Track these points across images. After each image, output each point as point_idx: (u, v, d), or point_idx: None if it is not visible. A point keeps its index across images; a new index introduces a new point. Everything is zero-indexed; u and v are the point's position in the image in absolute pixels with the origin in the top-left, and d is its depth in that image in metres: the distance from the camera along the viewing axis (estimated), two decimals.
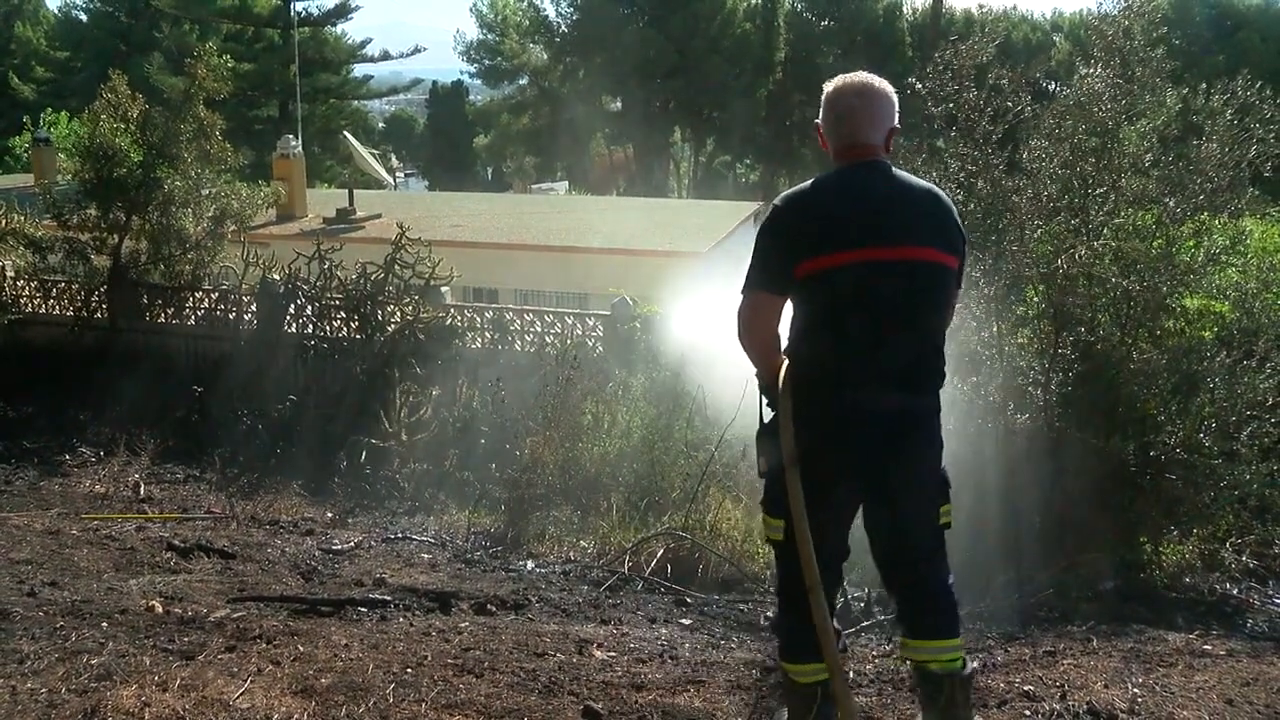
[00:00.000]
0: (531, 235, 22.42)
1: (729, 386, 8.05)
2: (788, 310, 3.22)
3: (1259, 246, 9.87)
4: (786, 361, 3.19)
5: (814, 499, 3.08)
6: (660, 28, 41.85)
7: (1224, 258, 8.03)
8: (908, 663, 3.54)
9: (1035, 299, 8.12)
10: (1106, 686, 4.15)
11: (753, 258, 3.17)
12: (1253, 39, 40.13)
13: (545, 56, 48.06)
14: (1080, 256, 7.70)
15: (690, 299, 11.17)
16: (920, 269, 3.08)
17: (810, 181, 3.24)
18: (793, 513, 3.07)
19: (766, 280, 3.14)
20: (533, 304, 16.04)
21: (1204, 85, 8.36)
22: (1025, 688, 4.17)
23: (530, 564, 8.05)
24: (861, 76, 3.31)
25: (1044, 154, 8.26)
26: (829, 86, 3.31)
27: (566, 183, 50.41)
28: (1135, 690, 4.09)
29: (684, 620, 6.30)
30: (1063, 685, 4.15)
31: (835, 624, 3.25)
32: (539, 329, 14.36)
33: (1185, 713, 3.87)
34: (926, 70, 8.61)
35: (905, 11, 43.99)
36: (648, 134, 44.22)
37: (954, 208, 3.25)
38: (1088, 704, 3.97)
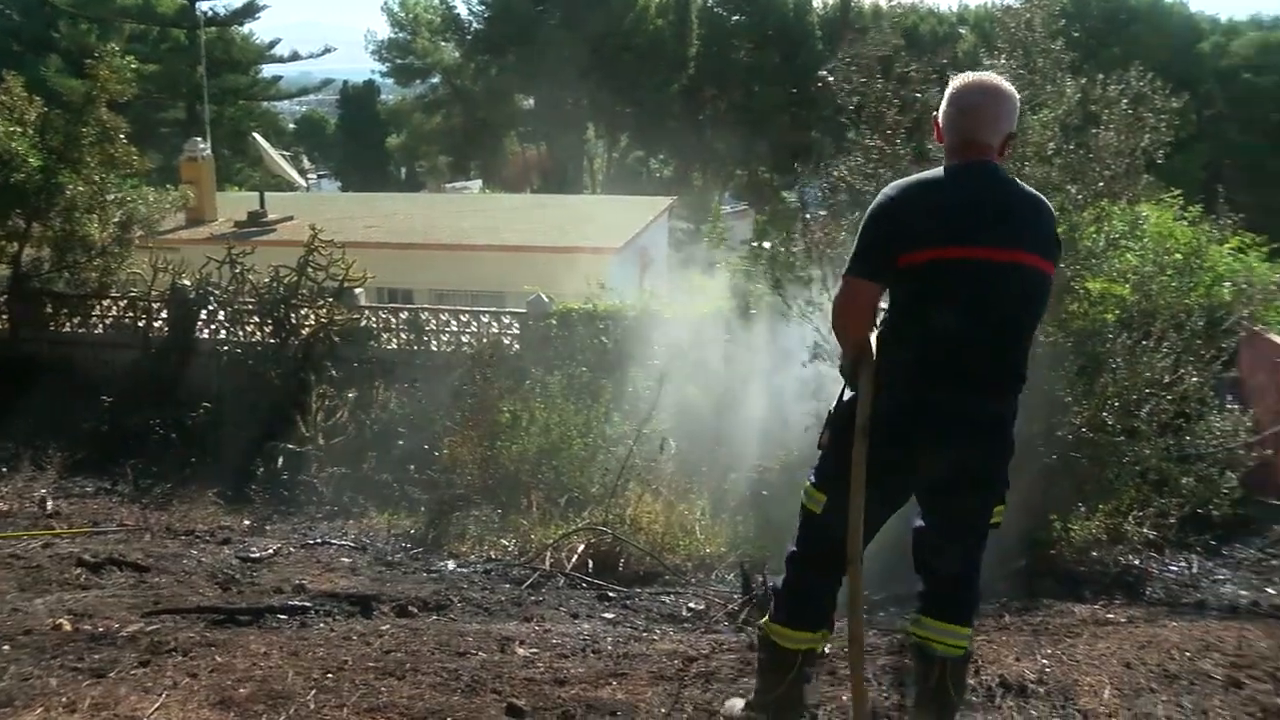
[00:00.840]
0: (446, 235, 22.26)
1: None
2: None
3: (1155, 231, 10.18)
4: (874, 342, 3.19)
5: (874, 482, 3.09)
6: (573, 25, 41.76)
7: (1123, 242, 8.26)
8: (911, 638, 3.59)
9: None
10: (1018, 659, 4.28)
11: (857, 243, 3.16)
12: (1144, 32, 41.26)
13: (457, 55, 47.68)
14: None
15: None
16: (1026, 275, 3.08)
17: (921, 175, 3.23)
18: (853, 484, 3.07)
19: (867, 267, 3.13)
20: (449, 304, 15.90)
21: (1101, 76, 8.59)
22: None
23: (452, 564, 8.03)
24: (989, 76, 3.30)
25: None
26: (956, 81, 3.30)
27: (480, 181, 50.08)
28: (1043, 661, 4.23)
29: (606, 614, 6.33)
30: (977, 661, 4.23)
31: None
32: (455, 328, 14.27)
33: (1088, 679, 4.02)
34: (834, 64, 8.73)
35: (815, 5, 44.48)
36: (561, 131, 44.12)
37: (1054, 216, 3.27)
38: (1000, 677, 4.08)
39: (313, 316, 13.76)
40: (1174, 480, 8.08)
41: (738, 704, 3.78)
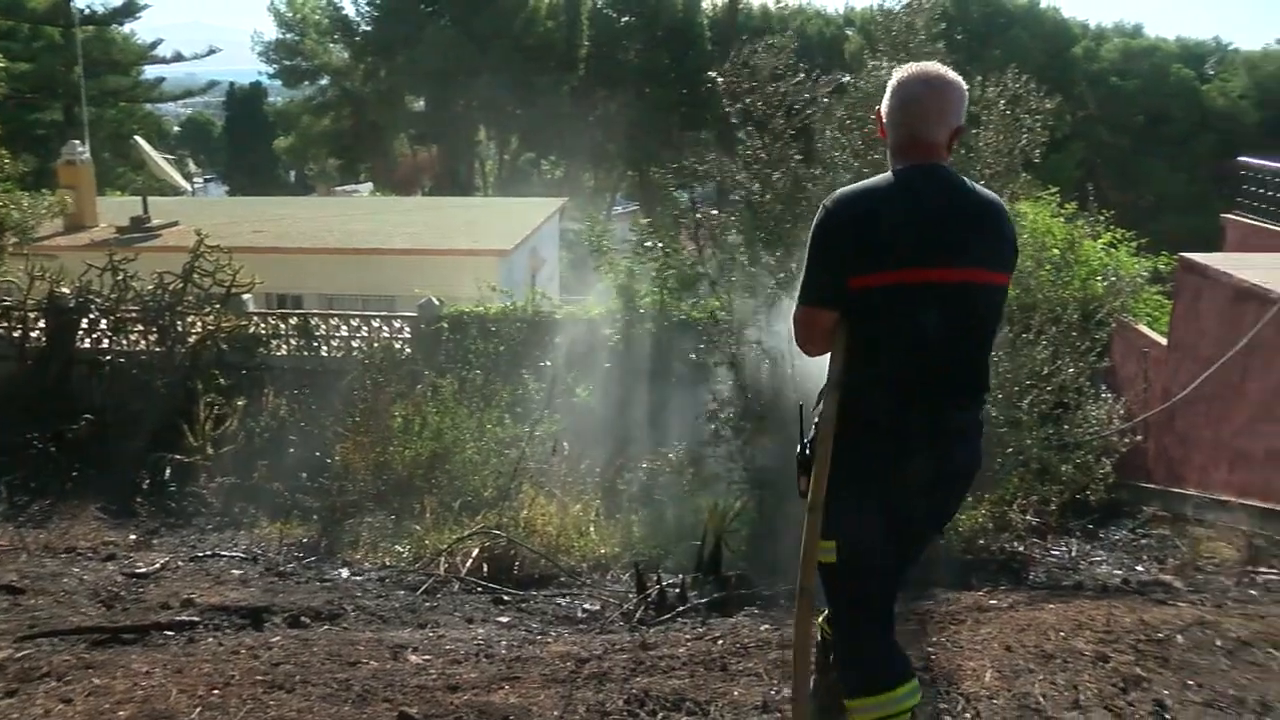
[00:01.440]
0: (336, 238, 21.95)
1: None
2: None
3: (1033, 227, 10.50)
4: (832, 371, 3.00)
5: (867, 518, 2.93)
6: (463, 26, 41.45)
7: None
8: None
9: None
10: (906, 648, 4.35)
11: (806, 267, 2.96)
12: (1022, 35, 42.55)
13: (346, 56, 46.96)
14: None
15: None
16: (977, 292, 2.92)
17: (864, 185, 2.99)
18: (815, 480, 2.91)
19: (818, 294, 2.94)
20: (339, 308, 15.71)
21: (980, 78, 8.83)
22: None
23: (346, 572, 7.91)
24: (934, 65, 3.04)
25: (837, 144, 8.57)
26: (898, 72, 3.05)
27: (371, 184, 49.42)
28: (929, 648, 4.33)
29: (501, 618, 6.30)
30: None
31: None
32: (345, 333, 14.09)
33: (971, 664, 4.14)
34: (724, 66, 8.82)
35: (705, 7, 44.80)
36: (452, 133, 43.78)
37: (1011, 220, 3.09)
38: None
39: (199, 324, 13.46)
40: (1054, 468, 8.36)
41: None
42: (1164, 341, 11.98)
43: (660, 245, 9.69)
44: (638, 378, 10.07)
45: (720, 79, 8.76)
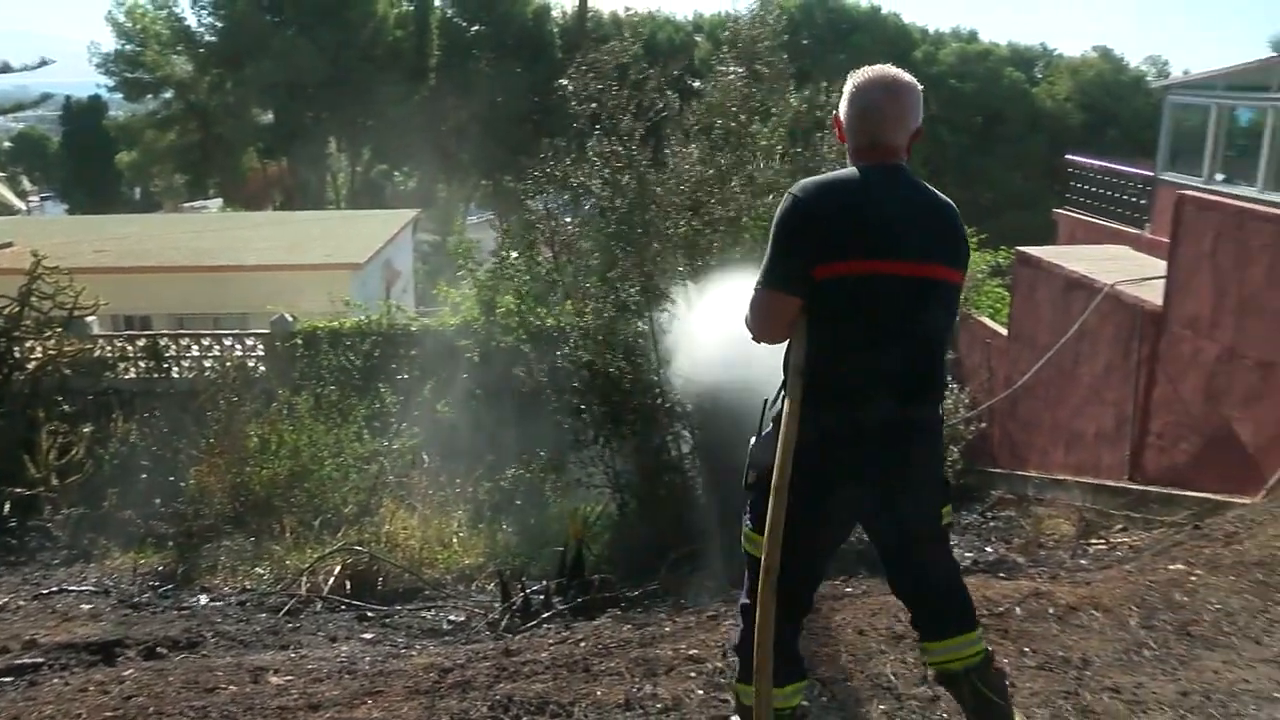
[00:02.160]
0: (184, 256, 21.32)
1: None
2: None
3: None
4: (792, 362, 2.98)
5: (808, 512, 2.91)
6: (310, 37, 40.59)
7: None
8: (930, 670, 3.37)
9: (683, 289, 8.54)
10: None
11: (769, 252, 2.94)
12: (865, 40, 43.80)
13: (190, 68, 45.54)
14: (710, 243, 8.17)
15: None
16: (934, 287, 2.95)
17: (830, 176, 2.98)
18: (774, 486, 2.85)
19: (782, 279, 2.92)
20: (190, 328, 15.26)
21: (825, 83, 9.08)
22: (690, 652, 4.41)
23: (204, 598, 7.71)
24: (888, 70, 3.06)
25: (684, 149, 8.71)
26: (854, 78, 3.06)
27: (220, 200, 48.04)
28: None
29: (365, 635, 6.24)
30: (723, 644, 4.38)
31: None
32: (197, 353, 13.71)
33: (826, 649, 4.25)
34: (571, 71, 8.88)
35: (555, 14, 44.78)
36: (303, 146, 42.76)
37: (962, 221, 3.10)
38: None
39: (39, 349, 12.90)
40: None
41: None
42: (1005, 332, 12.49)
43: (515, 254, 9.70)
44: (497, 388, 10.05)
45: (569, 82, 8.83)
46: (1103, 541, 7.26)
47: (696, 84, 8.99)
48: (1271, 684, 3.77)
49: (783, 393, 2.97)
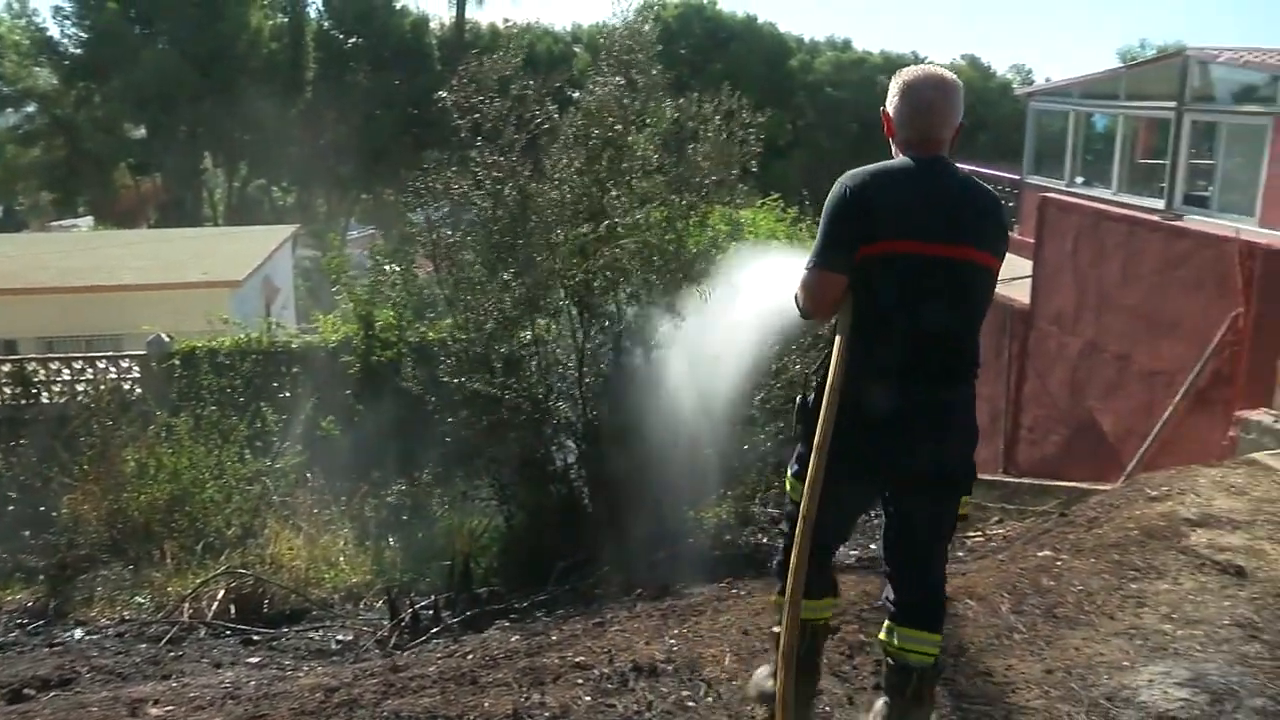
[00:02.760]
0: (52, 277, 20.63)
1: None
2: None
3: (760, 231, 11.01)
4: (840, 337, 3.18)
5: (841, 477, 3.10)
6: (182, 49, 39.57)
7: (722, 243, 8.86)
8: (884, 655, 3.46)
9: (564, 299, 8.57)
10: (648, 643, 4.49)
11: (820, 235, 3.17)
12: (742, 50, 44.45)
13: (55, 81, 43.96)
14: (592, 254, 8.22)
15: None
16: (975, 270, 3.16)
17: (878, 165, 3.23)
18: (816, 445, 3.08)
19: (832, 258, 3.14)
20: (60, 351, 14.76)
21: (696, 95, 9.18)
22: (577, 659, 4.43)
23: (79, 632, 7.43)
24: (938, 70, 3.31)
25: (564, 159, 8.73)
26: (904, 75, 3.32)
27: (91, 218, 46.44)
28: (671, 641, 4.47)
29: (251, 659, 6.13)
30: (610, 650, 4.45)
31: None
32: (68, 377, 13.27)
33: (711, 650, 4.31)
34: (453, 83, 8.83)
35: (433, 26, 44.35)
36: (177, 161, 41.61)
37: (1005, 212, 3.31)
38: (632, 662, 4.30)
39: None
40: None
41: (764, 675, 3.72)
42: None
43: (397, 268, 9.62)
44: (381, 403, 9.93)
45: (450, 94, 8.79)
46: (979, 534, 7.48)
47: (576, 94, 9.02)
48: (1122, 654, 4.01)
49: (824, 363, 3.21)
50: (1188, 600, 4.49)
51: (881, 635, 3.39)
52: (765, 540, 8.45)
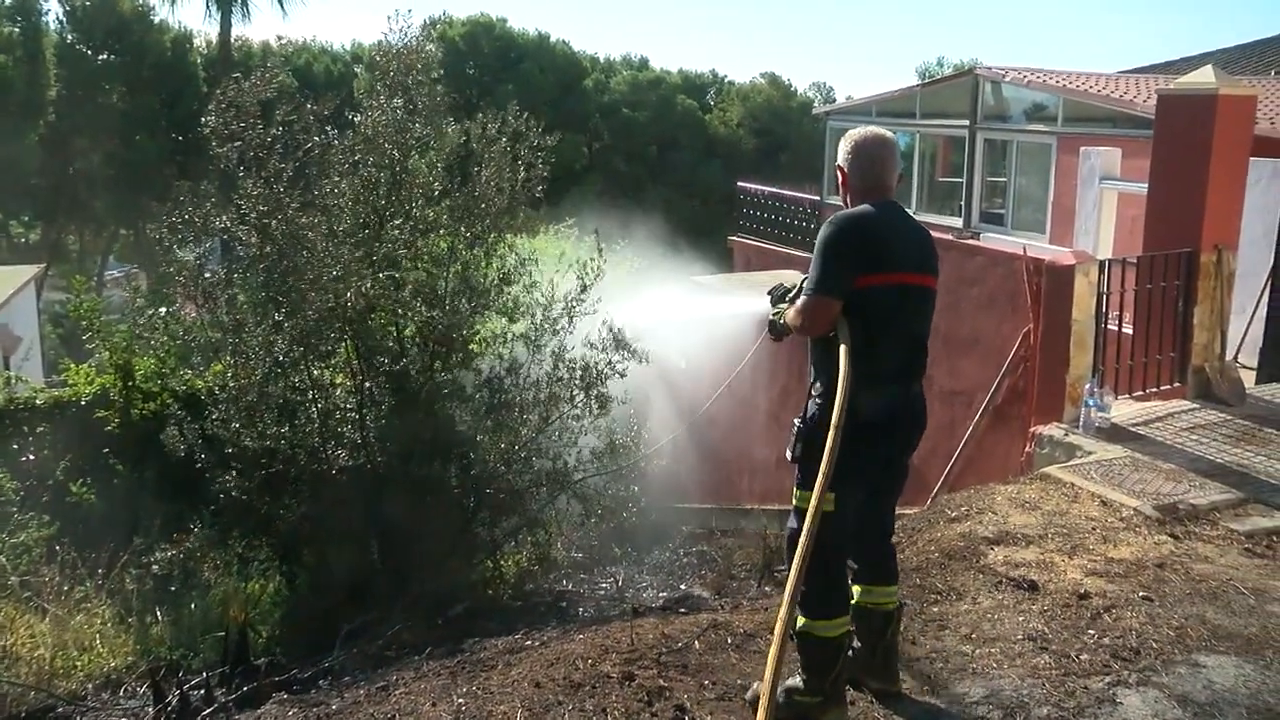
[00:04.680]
0: None
1: None
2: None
3: (550, 260, 10.61)
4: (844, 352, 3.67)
5: (871, 475, 3.83)
6: None
7: (514, 276, 8.45)
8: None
9: (341, 338, 7.99)
10: (434, 705, 4.16)
11: (821, 266, 3.71)
12: (533, 69, 44.07)
13: None
14: (369, 290, 7.69)
15: None
16: (929, 292, 3.88)
17: (861, 210, 3.79)
18: (825, 459, 3.47)
19: (831, 286, 3.69)
20: None
21: (481, 115, 8.78)
22: None
23: None
24: (880, 131, 4.02)
25: (337, 189, 8.19)
26: (854, 137, 3.96)
27: None
28: (460, 700, 4.14)
29: None
30: (393, 715, 4.13)
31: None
32: None
33: (502, 707, 3.98)
34: (211, 108, 8.22)
35: (198, 44, 41.43)
36: None
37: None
38: None
39: None
40: (594, 499, 8.38)
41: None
42: (684, 365, 12.59)
43: (160, 311, 8.81)
44: (145, 461, 9.06)
45: (209, 120, 8.15)
46: (785, 568, 7.27)
47: (356, 118, 8.48)
48: (916, 685, 4.14)
49: (818, 380, 3.85)
50: (986, 619, 4.72)
51: (858, 596, 4.01)
52: (570, 586, 8.06)
